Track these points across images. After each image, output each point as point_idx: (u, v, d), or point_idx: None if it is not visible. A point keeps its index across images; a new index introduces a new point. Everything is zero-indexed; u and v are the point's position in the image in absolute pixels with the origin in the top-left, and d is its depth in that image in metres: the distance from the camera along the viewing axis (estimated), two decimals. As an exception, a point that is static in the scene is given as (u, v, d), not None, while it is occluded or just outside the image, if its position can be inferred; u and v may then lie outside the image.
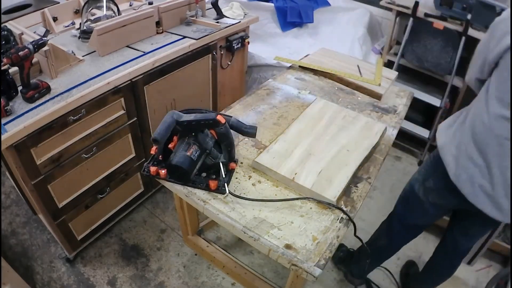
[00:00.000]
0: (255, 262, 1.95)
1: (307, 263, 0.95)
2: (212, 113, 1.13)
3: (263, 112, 1.56)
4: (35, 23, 1.88)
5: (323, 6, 3.04)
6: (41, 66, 1.55)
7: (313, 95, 1.70)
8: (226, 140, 1.17)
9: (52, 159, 1.48)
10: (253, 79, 2.76)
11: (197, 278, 1.87)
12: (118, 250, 1.99)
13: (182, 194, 1.17)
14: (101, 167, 1.75)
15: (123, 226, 2.11)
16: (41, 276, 1.85)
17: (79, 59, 1.66)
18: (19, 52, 1.31)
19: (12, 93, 1.41)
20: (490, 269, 1.99)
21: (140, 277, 1.86)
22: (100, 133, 1.64)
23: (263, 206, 1.11)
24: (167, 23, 2.00)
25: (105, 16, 1.86)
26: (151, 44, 1.85)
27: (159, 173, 1.16)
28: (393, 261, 1.99)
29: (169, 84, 1.89)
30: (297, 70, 1.92)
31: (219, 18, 2.17)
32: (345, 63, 1.95)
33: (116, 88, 1.59)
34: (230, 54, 2.24)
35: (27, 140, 1.34)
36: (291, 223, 1.06)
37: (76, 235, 1.80)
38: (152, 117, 1.88)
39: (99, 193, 1.80)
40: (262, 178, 1.22)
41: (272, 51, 2.68)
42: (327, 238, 1.02)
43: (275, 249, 0.99)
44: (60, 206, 1.62)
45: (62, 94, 1.46)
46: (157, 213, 2.21)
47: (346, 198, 1.17)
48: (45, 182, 1.50)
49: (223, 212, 1.08)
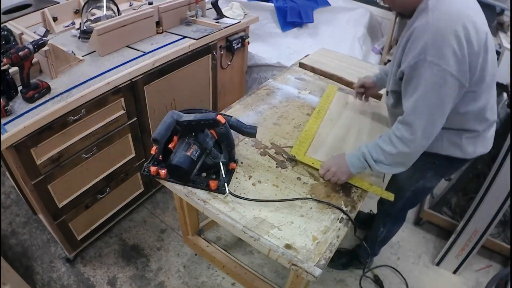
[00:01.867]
0: (255, 262, 1.95)
1: (307, 263, 0.95)
2: (212, 113, 1.13)
3: (263, 112, 1.56)
4: (35, 23, 1.88)
5: (323, 6, 3.04)
6: (41, 66, 1.55)
7: (313, 95, 1.71)
8: (226, 140, 1.17)
9: (52, 159, 1.48)
10: (253, 79, 2.76)
11: (197, 278, 1.87)
12: (118, 250, 1.99)
13: (182, 194, 1.17)
14: (101, 167, 1.74)
15: (123, 226, 2.11)
16: (41, 276, 1.85)
17: (79, 59, 1.66)
18: (19, 52, 1.31)
19: (12, 93, 1.41)
20: (490, 269, 1.99)
21: (140, 277, 1.86)
22: (100, 133, 1.64)
23: (263, 206, 1.11)
24: (167, 23, 2.00)
25: (105, 16, 1.86)
26: (151, 44, 1.85)
27: (159, 173, 1.16)
28: (393, 260, 1.99)
29: (169, 84, 1.89)
30: (297, 70, 1.92)
31: (219, 18, 2.17)
32: (345, 63, 1.95)
33: (116, 88, 1.59)
34: (230, 54, 2.24)
35: (27, 140, 1.34)
36: (291, 223, 1.06)
37: (76, 235, 1.80)
38: (152, 117, 1.88)
39: (99, 193, 1.80)
40: (262, 178, 1.22)
41: (272, 51, 2.69)
42: (327, 238, 1.02)
43: (275, 249, 0.99)
44: (60, 206, 1.62)
45: (62, 94, 1.46)
46: (157, 213, 2.21)
47: (346, 198, 1.17)
48: (45, 182, 1.50)
49: (223, 212, 1.08)
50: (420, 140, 1.06)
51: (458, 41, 0.94)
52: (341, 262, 1.92)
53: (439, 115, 1.03)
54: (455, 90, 1.00)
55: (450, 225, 2.02)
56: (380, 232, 1.71)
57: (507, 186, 1.58)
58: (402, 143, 1.07)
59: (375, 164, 1.14)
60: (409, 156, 1.11)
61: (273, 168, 1.27)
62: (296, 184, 1.20)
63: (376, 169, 1.15)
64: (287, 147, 1.36)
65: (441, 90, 0.98)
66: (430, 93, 0.99)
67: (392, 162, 1.13)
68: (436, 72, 0.96)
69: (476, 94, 1.09)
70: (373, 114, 1.57)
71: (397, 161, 1.13)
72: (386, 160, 1.13)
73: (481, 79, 1.05)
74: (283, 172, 1.25)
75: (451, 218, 2.06)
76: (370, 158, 1.14)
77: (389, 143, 1.11)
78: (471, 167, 1.90)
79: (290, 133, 1.45)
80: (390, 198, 1.21)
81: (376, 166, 1.14)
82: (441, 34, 0.94)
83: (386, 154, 1.12)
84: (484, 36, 1.00)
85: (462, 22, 0.94)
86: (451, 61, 0.95)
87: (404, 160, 1.13)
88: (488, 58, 1.03)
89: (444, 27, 0.94)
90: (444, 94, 0.99)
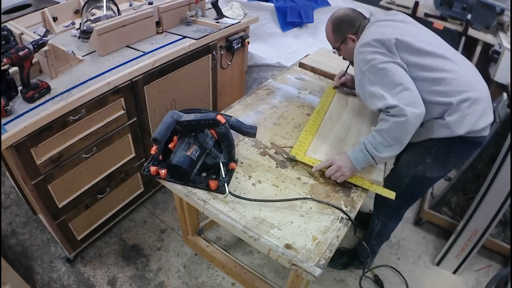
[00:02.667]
0: (255, 262, 1.95)
1: (307, 263, 0.95)
2: (212, 113, 1.13)
3: (263, 112, 1.56)
4: (35, 23, 1.88)
5: (323, 6, 3.04)
6: (41, 66, 1.55)
7: (313, 95, 1.71)
8: (226, 140, 1.17)
9: (52, 159, 1.48)
10: (253, 79, 2.76)
11: (197, 278, 1.87)
12: (118, 250, 1.99)
13: (182, 194, 1.17)
14: (101, 167, 1.75)
15: (123, 226, 2.11)
16: (41, 276, 1.85)
17: (79, 59, 1.66)
18: (19, 52, 1.31)
19: (12, 93, 1.41)
20: (490, 269, 1.99)
21: (140, 277, 1.86)
22: (100, 133, 1.64)
23: (263, 206, 1.11)
24: (167, 23, 2.00)
25: (105, 16, 1.86)
26: (151, 44, 1.85)
27: (159, 173, 1.16)
28: (393, 260, 1.99)
29: (169, 84, 1.89)
30: (297, 70, 1.92)
31: (219, 18, 2.17)
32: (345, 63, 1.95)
33: (116, 88, 1.59)
34: (230, 54, 2.24)
35: (27, 140, 1.34)
36: (291, 223, 1.06)
37: (76, 235, 1.80)
38: (152, 117, 1.88)
39: (99, 193, 1.80)
40: (262, 178, 1.22)
41: (272, 51, 2.69)
42: (327, 238, 1.02)
43: (275, 249, 0.99)
44: (60, 206, 1.62)
45: (62, 94, 1.46)
46: (157, 213, 2.21)
47: (346, 198, 1.17)
48: (45, 182, 1.50)
49: (223, 212, 1.08)
50: (405, 106, 1.14)
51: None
52: (342, 261, 1.92)
53: (395, 78, 1.19)
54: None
55: (450, 225, 2.03)
56: (375, 225, 1.70)
57: (507, 186, 1.58)
58: (392, 116, 1.16)
59: (375, 150, 1.18)
60: (403, 126, 1.15)
61: (273, 168, 1.27)
62: (296, 184, 1.21)
63: (377, 155, 1.19)
64: (287, 147, 1.36)
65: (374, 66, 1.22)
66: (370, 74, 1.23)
67: (389, 138, 1.17)
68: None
69: (418, 68, 1.23)
70: (373, 114, 1.57)
71: (393, 135, 1.17)
72: (384, 140, 1.18)
73: (410, 63, 1.22)
74: (283, 172, 1.25)
75: (451, 218, 2.06)
76: (370, 145, 1.20)
77: (381, 123, 1.20)
78: (470, 167, 1.90)
79: (290, 133, 1.45)
80: (391, 197, 1.22)
81: (377, 152, 1.18)
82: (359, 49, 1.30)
83: (383, 132, 1.18)
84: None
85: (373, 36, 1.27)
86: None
87: (400, 133, 1.17)
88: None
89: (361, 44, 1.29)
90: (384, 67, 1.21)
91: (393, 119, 1.15)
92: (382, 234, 1.76)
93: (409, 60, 1.23)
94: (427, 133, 1.31)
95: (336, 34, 1.44)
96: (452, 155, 1.37)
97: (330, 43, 1.50)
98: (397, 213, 1.68)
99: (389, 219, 1.69)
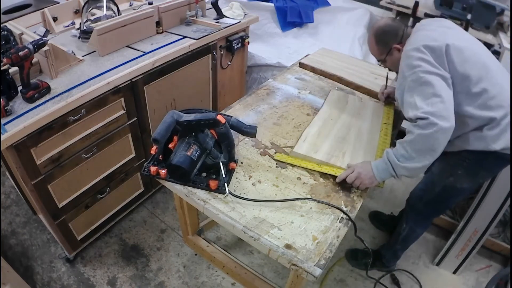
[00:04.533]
0: (255, 262, 1.95)
1: (307, 263, 0.95)
2: (212, 113, 1.13)
3: (263, 112, 1.56)
4: (35, 23, 1.88)
5: (323, 6, 3.04)
6: (41, 66, 1.55)
7: (313, 95, 1.71)
8: (226, 140, 1.17)
9: (52, 159, 1.48)
10: (253, 79, 2.76)
11: (197, 278, 1.87)
12: (118, 250, 1.99)
13: (182, 194, 1.17)
14: (101, 167, 1.75)
15: (123, 226, 2.11)
16: (41, 276, 1.85)
17: (79, 59, 1.66)
18: (19, 52, 1.31)
19: (12, 93, 1.41)
20: (490, 269, 1.99)
21: (140, 277, 1.86)
22: (100, 133, 1.64)
23: (263, 206, 1.11)
24: (167, 23, 2.00)
25: (105, 16, 1.86)
26: (151, 44, 1.85)
27: (159, 173, 1.16)
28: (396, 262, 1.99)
29: (169, 84, 1.89)
30: (297, 70, 1.92)
31: (219, 18, 2.17)
32: (345, 63, 1.95)
33: (116, 88, 1.59)
34: (230, 54, 2.24)
35: (27, 140, 1.34)
36: (291, 223, 1.06)
37: (76, 235, 1.80)
38: (152, 117, 1.88)
39: (99, 193, 1.80)
40: (262, 178, 1.22)
41: (272, 51, 2.69)
42: (327, 238, 1.02)
43: (275, 249, 0.99)
44: (60, 206, 1.62)
45: (62, 94, 1.46)
46: (157, 213, 2.21)
47: (346, 198, 1.17)
48: (45, 182, 1.50)
49: (223, 212, 1.08)
50: (435, 119, 1.09)
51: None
52: (365, 262, 1.91)
53: (434, 89, 1.14)
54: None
55: (450, 225, 2.03)
56: (403, 229, 1.70)
57: (507, 186, 1.58)
58: (418, 127, 1.12)
59: (397, 161, 1.16)
60: (429, 139, 1.11)
61: (273, 168, 1.27)
62: (296, 184, 1.21)
63: (397, 164, 1.16)
64: (287, 147, 1.36)
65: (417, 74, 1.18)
66: (410, 81, 1.20)
67: (414, 150, 1.14)
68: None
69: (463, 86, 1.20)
70: (373, 114, 1.57)
71: (418, 147, 1.13)
72: (406, 152, 1.14)
73: (457, 74, 1.19)
74: (283, 172, 1.25)
75: (451, 218, 2.06)
76: (392, 155, 1.18)
77: (408, 135, 1.16)
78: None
79: (290, 133, 1.45)
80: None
81: (398, 161, 1.15)
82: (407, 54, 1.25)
83: (405, 144, 1.15)
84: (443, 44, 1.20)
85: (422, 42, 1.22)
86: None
87: (425, 146, 1.13)
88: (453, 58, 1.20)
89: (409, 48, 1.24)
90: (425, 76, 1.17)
91: (418, 131, 1.12)
92: (408, 240, 1.75)
93: (456, 69, 1.19)
94: (462, 144, 1.30)
95: (380, 45, 1.39)
96: (483, 169, 1.37)
97: (374, 56, 1.45)
98: (426, 220, 1.68)
99: (417, 225, 1.69)
